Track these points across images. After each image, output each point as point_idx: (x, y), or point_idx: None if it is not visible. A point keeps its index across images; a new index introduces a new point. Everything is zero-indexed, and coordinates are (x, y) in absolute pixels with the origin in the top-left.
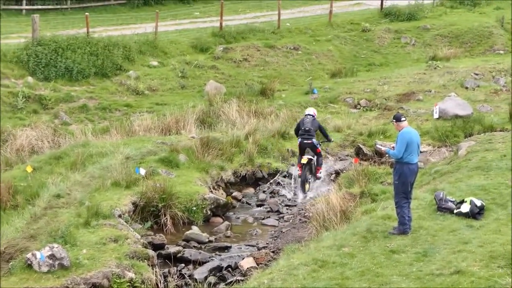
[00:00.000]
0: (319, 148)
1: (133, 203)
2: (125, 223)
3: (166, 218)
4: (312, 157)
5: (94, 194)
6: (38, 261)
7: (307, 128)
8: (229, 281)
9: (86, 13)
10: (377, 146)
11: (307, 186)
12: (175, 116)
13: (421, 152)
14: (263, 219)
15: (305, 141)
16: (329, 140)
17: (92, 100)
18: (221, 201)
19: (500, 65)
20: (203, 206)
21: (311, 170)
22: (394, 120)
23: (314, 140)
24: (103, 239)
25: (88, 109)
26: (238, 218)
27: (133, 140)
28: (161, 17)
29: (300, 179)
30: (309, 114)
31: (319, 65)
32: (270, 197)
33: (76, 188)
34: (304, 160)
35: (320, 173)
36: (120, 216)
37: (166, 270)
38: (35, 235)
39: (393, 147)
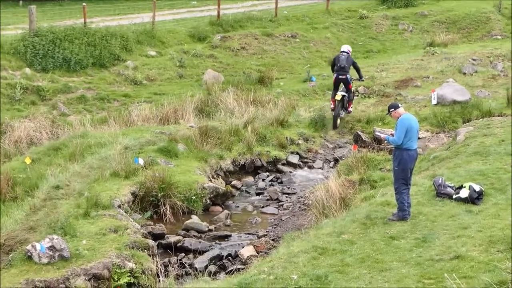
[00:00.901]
0: (351, 84)
1: (133, 193)
2: (124, 213)
3: (166, 208)
4: (345, 93)
5: (93, 184)
6: (38, 252)
7: (342, 65)
8: (229, 269)
9: (83, 4)
10: (376, 133)
11: (338, 121)
12: (174, 106)
13: (419, 138)
14: (263, 207)
15: (340, 76)
16: (361, 78)
17: (90, 91)
18: (220, 190)
19: (498, 50)
20: (202, 195)
21: (343, 105)
22: (393, 109)
23: (348, 76)
24: (103, 229)
25: (86, 99)
26: (238, 206)
27: (131, 130)
28: (158, 7)
29: (333, 114)
30: (343, 52)
31: (317, 53)
32: (270, 185)
33: (75, 179)
34: (338, 96)
35: (351, 107)
36: (119, 206)
37: (166, 259)
38: (35, 226)
39: (391, 133)
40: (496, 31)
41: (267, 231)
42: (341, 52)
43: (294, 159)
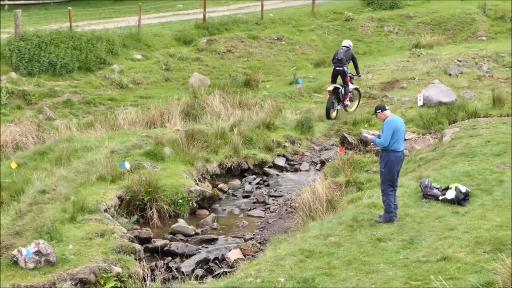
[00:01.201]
0: (348, 78)
1: (119, 197)
2: (111, 217)
3: (152, 212)
4: (339, 86)
5: (79, 189)
6: (24, 257)
7: (339, 58)
8: (216, 273)
9: (69, 8)
10: (363, 134)
11: (333, 113)
12: (160, 109)
13: (405, 139)
14: (249, 210)
15: (337, 68)
16: (358, 73)
17: (76, 95)
18: (207, 193)
19: (483, 51)
20: (189, 198)
21: (338, 98)
22: (380, 110)
23: (345, 68)
24: (89, 234)
25: (72, 103)
26: (224, 210)
27: (118, 134)
28: (144, 10)
29: (326, 105)
30: (344, 46)
31: (303, 55)
32: (256, 188)
33: (61, 183)
34: (330, 87)
35: (347, 101)
36: (106, 210)
37: (153, 263)
38: (21, 231)
39: (378, 135)
40: (481, 32)
41: (254, 234)
42: (342, 46)
43: (281, 161)
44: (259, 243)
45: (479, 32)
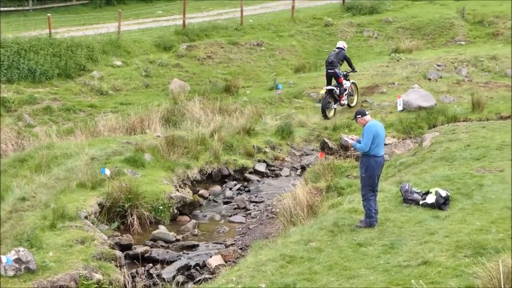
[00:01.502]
0: (341, 78)
1: (99, 204)
2: (91, 224)
3: (133, 218)
4: (333, 88)
5: (59, 196)
6: (4, 265)
7: (330, 60)
8: (197, 279)
9: (48, 14)
10: (343, 139)
11: (331, 112)
12: (140, 116)
13: (386, 144)
14: (230, 216)
15: (329, 71)
16: (353, 69)
17: (56, 102)
18: (188, 199)
19: (462, 55)
20: (169, 205)
21: (334, 98)
22: (360, 115)
23: (337, 70)
24: (69, 241)
25: (52, 110)
26: (205, 216)
27: (98, 140)
28: (123, 17)
29: (321, 105)
30: (337, 47)
31: (282, 61)
32: (237, 194)
33: (41, 190)
34: (323, 91)
35: (343, 100)
36: (86, 217)
37: (134, 270)
38: (1, 239)
39: (358, 140)
40: (460, 36)
41: (234, 240)
42: (336, 47)
43: (261, 167)
44: (240, 249)
45: (458, 36)
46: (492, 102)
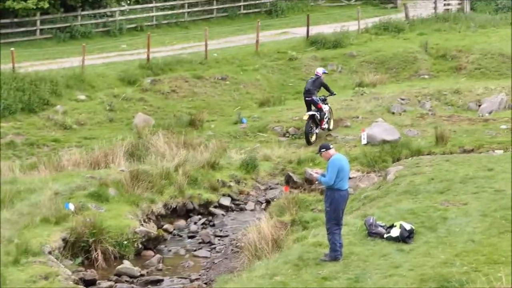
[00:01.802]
0: (320, 104)
1: (63, 239)
2: (55, 259)
3: (97, 253)
4: (314, 113)
5: (23, 231)
6: None
7: (307, 89)
8: None
9: (12, 48)
10: (308, 173)
11: (313, 137)
12: (104, 150)
13: (350, 178)
14: (195, 250)
15: (307, 99)
16: (331, 93)
17: (19, 136)
18: (152, 234)
19: (426, 89)
20: (134, 239)
21: (315, 123)
22: (324, 149)
23: (314, 98)
24: (33, 277)
25: (15, 145)
26: (170, 250)
27: (62, 175)
28: (88, 51)
29: (304, 130)
30: (316, 75)
31: (247, 95)
32: (202, 228)
33: (4, 225)
34: (305, 116)
35: (324, 124)
36: (50, 252)
37: None
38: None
39: (323, 174)
40: (423, 70)
41: (199, 275)
42: (314, 75)
43: (226, 201)
44: (205, 283)
45: (422, 70)
46: (455, 135)
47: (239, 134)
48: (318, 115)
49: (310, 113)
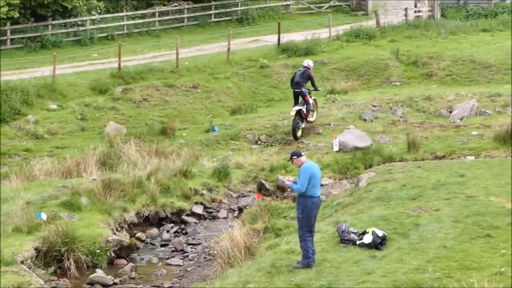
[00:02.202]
0: (308, 97)
1: (36, 249)
2: (28, 269)
3: (70, 262)
4: (301, 107)
5: None
6: None
7: (296, 81)
8: None
9: None
10: (280, 180)
11: (299, 132)
12: (76, 159)
13: (322, 185)
14: (168, 258)
15: (296, 90)
16: (316, 88)
17: None
18: (125, 242)
19: (397, 96)
20: (106, 248)
21: (302, 117)
22: (295, 157)
23: (303, 89)
24: (5, 286)
25: None
26: (143, 259)
27: (33, 185)
28: (59, 60)
29: (292, 125)
30: (304, 66)
31: (219, 103)
32: (174, 236)
33: None
34: (293, 112)
35: (310, 117)
36: (22, 262)
37: None
38: None
39: (294, 181)
40: (395, 77)
41: (172, 283)
42: (302, 66)
43: (199, 209)
44: None
45: (393, 77)
46: (427, 142)
47: (211, 142)
48: (304, 109)
49: (296, 108)
